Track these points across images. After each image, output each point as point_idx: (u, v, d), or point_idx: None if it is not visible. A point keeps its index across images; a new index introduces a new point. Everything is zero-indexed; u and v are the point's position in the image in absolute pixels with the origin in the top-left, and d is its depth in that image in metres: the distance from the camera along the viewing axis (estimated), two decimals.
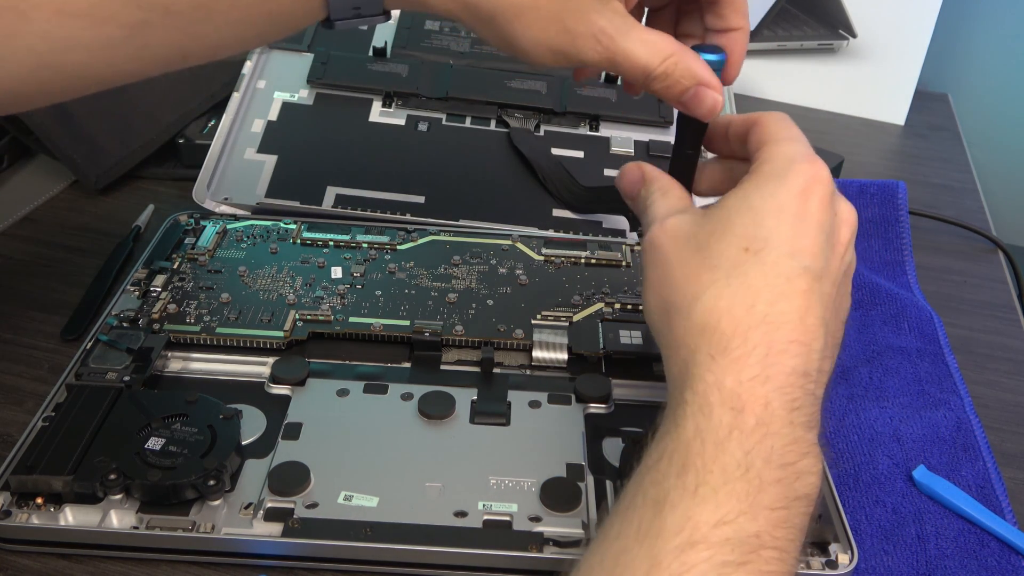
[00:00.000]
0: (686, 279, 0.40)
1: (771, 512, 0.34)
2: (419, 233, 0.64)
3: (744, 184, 0.41)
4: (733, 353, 0.37)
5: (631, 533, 0.34)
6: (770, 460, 0.35)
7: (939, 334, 0.62)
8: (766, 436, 0.35)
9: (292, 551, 0.43)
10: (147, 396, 0.49)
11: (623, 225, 0.68)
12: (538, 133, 0.74)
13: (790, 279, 0.38)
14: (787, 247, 0.39)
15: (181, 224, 0.64)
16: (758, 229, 0.39)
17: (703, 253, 0.40)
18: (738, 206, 0.40)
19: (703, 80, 0.43)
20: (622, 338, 0.56)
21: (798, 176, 0.40)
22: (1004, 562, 0.47)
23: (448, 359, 0.55)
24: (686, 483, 0.34)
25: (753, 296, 0.38)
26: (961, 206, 0.83)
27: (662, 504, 0.34)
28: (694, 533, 0.33)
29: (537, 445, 0.49)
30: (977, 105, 1.09)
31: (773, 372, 0.36)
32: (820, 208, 0.40)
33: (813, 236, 0.39)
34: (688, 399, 0.37)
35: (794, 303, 0.38)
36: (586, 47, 0.42)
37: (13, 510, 0.43)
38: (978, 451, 0.53)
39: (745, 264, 0.38)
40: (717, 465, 0.34)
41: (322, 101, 0.74)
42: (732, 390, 0.36)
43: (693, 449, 0.35)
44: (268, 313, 0.55)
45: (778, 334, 0.37)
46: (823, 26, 0.97)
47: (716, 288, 0.38)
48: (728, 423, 0.35)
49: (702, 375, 0.37)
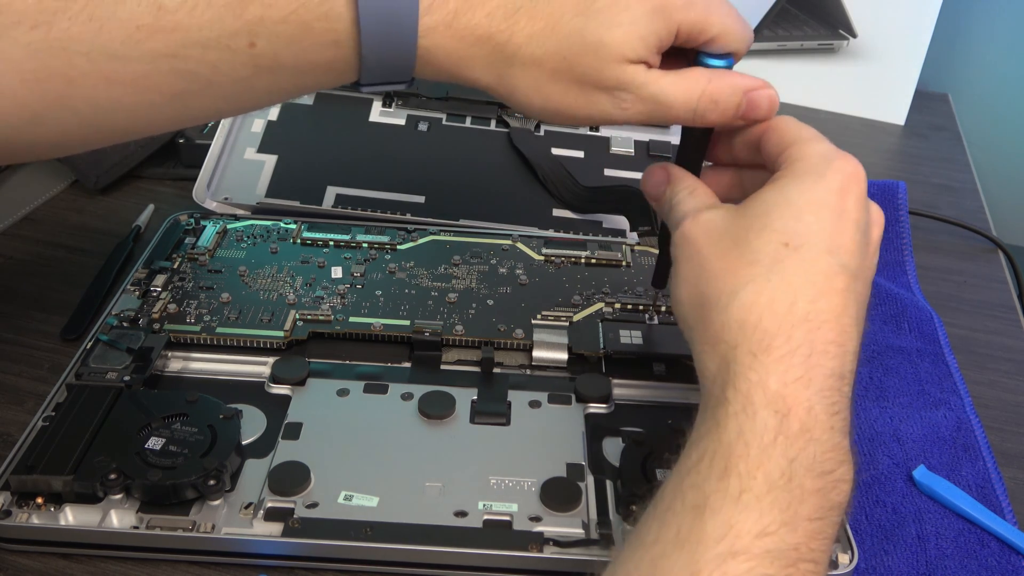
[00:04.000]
0: (724, 273, 0.39)
1: (809, 523, 0.33)
2: (419, 233, 0.64)
3: (780, 180, 0.40)
4: (776, 352, 0.36)
5: (670, 538, 0.33)
6: (811, 468, 0.34)
7: (939, 334, 0.62)
8: (809, 443, 0.34)
9: (292, 551, 0.43)
10: (147, 396, 0.49)
11: (623, 225, 0.68)
12: (538, 133, 0.74)
13: (829, 277, 0.37)
14: (826, 244, 0.38)
15: (181, 224, 0.64)
16: (798, 224, 0.38)
17: (741, 247, 0.39)
18: (776, 200, 0.39)
19: (748, 87, 0.42)
20: (622, 338, 0.56)
21: (837, 173, 0.39)
22: (1004, 562, 0.47)
23: (448, 359, 0.55)
24: (728, 488, 0.34)
25: (794, 293, 0.37)
26: (961, 206, 0.83)
27: (702, 509, 0.33)
28: (736, 543, 0.32)
29: (537, 445, 0.49)
30: (977, 105, 1.09)
31: (815, 374, 0.36)
32: (857, 206, 0.39)
33: (851, 234, 0.39)
34: (730, 397, 0.36)
35: (832, 302, 0.37)
36: (620, 105, 0.42)
37: (13, 510, 0.43)
38: (978, 451, 0.53)
39: (785, 260, 0.38)
40: (761, 472, 0.34)
41: (322, 101, 0.74)
42: (777, 392, 0.35)
43: (736, 452, 0.34)
44: (268, 313, 0.55)
45: (819, 334, 0.36)
46: (823, 26, 0.97)
47: (756, 284, 0.37)
48: (773, 427, 0.34)
49: (744, 373, 0.36)
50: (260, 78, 0.41)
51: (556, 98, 0.42)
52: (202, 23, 0.39)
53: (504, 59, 0.41)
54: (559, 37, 0.41)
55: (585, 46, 0.41)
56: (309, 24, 0.39)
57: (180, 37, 0.39)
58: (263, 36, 0.40)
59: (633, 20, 0.40)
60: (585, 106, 0.42)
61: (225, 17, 0.39)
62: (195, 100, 0.42)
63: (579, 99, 0.42)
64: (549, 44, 0.41)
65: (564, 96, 0.42)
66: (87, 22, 0.38)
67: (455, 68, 0.42)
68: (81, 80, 0.40)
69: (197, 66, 0.40)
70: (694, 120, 0.42)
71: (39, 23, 0.38)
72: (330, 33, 0.40)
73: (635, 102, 0.42)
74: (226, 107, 0.44)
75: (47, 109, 0.41)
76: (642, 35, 0.40)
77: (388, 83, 0.43)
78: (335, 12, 0.39)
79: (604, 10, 0.40)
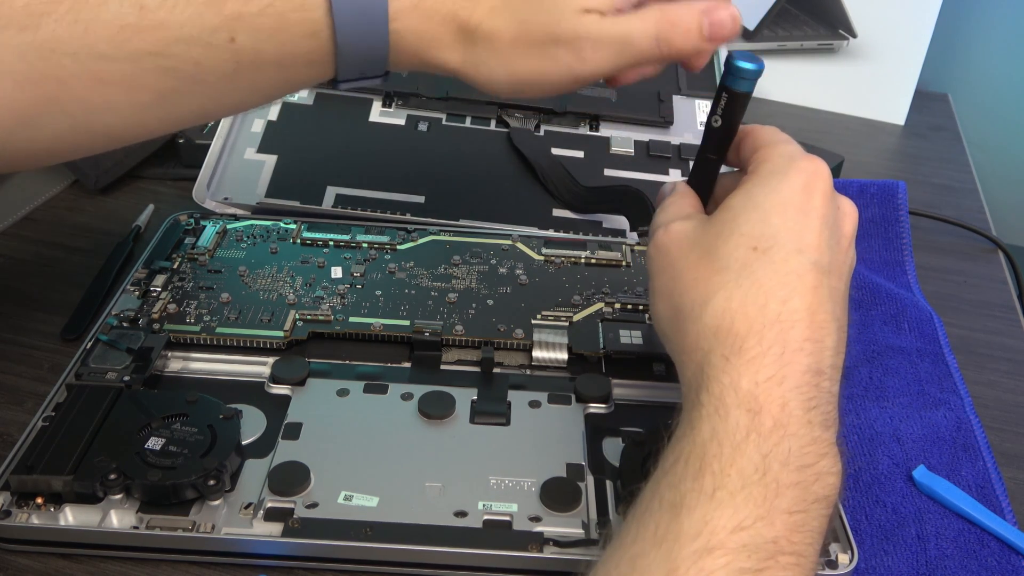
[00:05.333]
0: (695, 283, 0.40)
1: (788, 516, 0.34)
2: (419, 233, 0.64)
3: (745, 184, 0.41)
4: (748, 353, 0.37)
5: (648, 537, 0.34)
6: (788, 463, 0.35)
7: (939, 334, 0.62)
8: (784, 438, 0.35)
9: (292, 551, 0.43)
10: (147, 396, 0.49)
11: (623, 225, 0.68)
12: (538, 133, 0.74)
13: (800, 275, 0.38)
14: (794, 243, 0.39)
15: (181, 224, 0.64)
16: (765, 227, 0.39)
17: (711, 256, 0.40)
18: (743, 204, 0.40)
19: (704, 8, 0.43)
20: (622, 338, 0.56)
21: (800, 172, 0.40)
22: (1004, 562, 0.47)
23: (448, 359, 0.55)
24: (703, 486, 0.34)
25: (765, 295, 0.38)
26: (961, 206, 0.83)
27: (679, 508, 0.34)
28: (711, 538, 0.33)
29: (537, 445, 0.49)
30: (977, 105, 1.09)
31: (789, 372, 0.36)
32: (823, 203, 0.40)
33: (818, 230, 0.39)
34: (704, 401, 0.36)
35: (805, 300, 0.38)
36: (580, 55, 0.42)
37: (13, 510, 0.43)
38: (978, 451, 0.53)
39: (754, 263, 0.38)
40: (734, 468, 0.34)
41: (322, 101, 0.74)
42: (749, 391, 0.36)
43: (710, 452, 0.35)
44: (268, 313, 0.55)
45: (792, 332, 0.37)
46: (823, 26, 0.97)
47: (727, 290, 0.38)
48: (745, 425, 0.35)
49: (717, 376, 0.37)
50: (243, 74, 0.42)
51: (519, 66, 0.43)
52: (183, 20, 0.40)
53: (467, 36, 0.43)
54: (516, 4, 0.42)
55: (540, 4, 0.42)
56: (285, 15, 0.41)
57: (163, 35, 0.40)
58: (242, 31, 0.41)
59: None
60: (548, 68, 0.43)
61: (205, 13, 0.40)
62: (182, 99, 0.43)
63: (541, 62, 0.43)
64: (507, 12, 0.42)
65: (526, 62, 0.43)
66: (72, 24, 0.40)
67: (425, 51, 0.43)
68: (71, 81, 0.41)
69: (182, 63, 0.41)
70: (659, 49, 0.43)
71: (26, 26, 0.39)
72: (306, 24, 0.41)
73: (595, 49, 0.42)
74: (213, 107, 0.45)
75: (40, 112, 0.42)
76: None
77: (364, 77, 0.44)
78: (310, 3, 0.41)
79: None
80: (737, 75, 0.43)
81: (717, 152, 0.46)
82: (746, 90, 0.43)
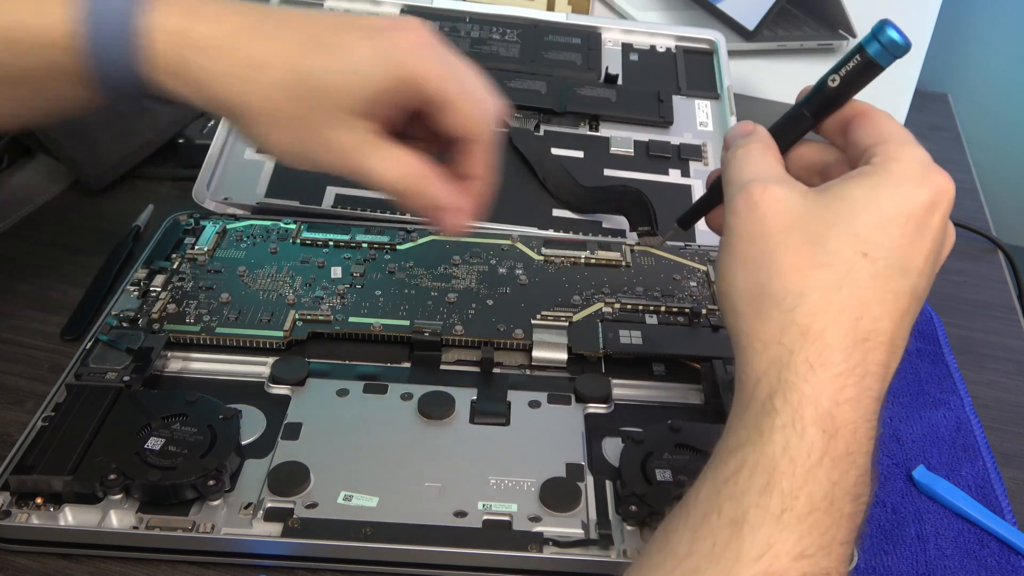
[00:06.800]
0: (792, 270, 0.36)
1: (841, 548, 0.33)
2: (419, 233, 0.64)
3: (871, 178, 0.37)
4: (834, 368, 0.34)
5: (704, 551, 0.32)
6: (848, 492, 0.33)
7: (939, 334, 0.62)
8: (851, 467, 0.34)
9: (292, 551, 0.43)
10: (147, 396, 0.49)
11: (623, 225, 0.68)
12: (538, 133, 0.74)
13: (896, 296, 0.36)
14: (902, 262, 0.36)
15: (181, 224, 0.64)
16: (882, 236, 0.36)
17: (816, 245, 0.36)
18: (865, 202, 0.37)
19: (443, 205, 0.44)
20: (622, 338, 0.56)
21: (931, 188, 0.37)
22: (1004, 562, 0.47)
23: (448, 359, 0.55)
24: (769, 505, 0.32)
25: (861, 308, 0.35)
26: (961, 206, 0.83)
27: (740, 524, 0.32)
28: (774, 563, 0.32)
29: (537, 445, 0.49)
30: (977, 105, 1.09)
31: (864, 397, 0.34)
32: (939, 225, 0.37)
33: (926, 254, 0.37)
34: (779, 407, 0.34)
35: (893, 323, 0.36)
36: (330, 160, 0.43)
37: (13, 510, 0.43)
38: (978, 451, 0.53)
39: (860, 271, 0.36)
40: (804, 492, 0.33)
41: None
42: (828, 411, 0.34)
43: (780, 468, 0.33)
44: (268, 313, 0.55)
45: (873, 355, 0.35)
46: (823, 26, 0.97)
47: (826, 291, 0.35)
48: (820, 447, 0.33)
49: (798, 384, 0.34)
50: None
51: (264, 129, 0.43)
52: None
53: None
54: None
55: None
56: (24, 22, 0.40)
57: None
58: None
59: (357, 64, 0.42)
60: (298, 145, 0.43)
61: None
62: None
63: (289, 137, 0.43)
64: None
65: (273, 130, 0.43)
66: None
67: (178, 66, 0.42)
68: None
69: None
70: (396, 198, 0.44)
71: None
72: (45, 31, 0.40)
73: (350, 158, 0.43)
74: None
75: None
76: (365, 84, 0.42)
77: (126, 106, 0.43)
78: (47, 10, 0.40)
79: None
80: (884, 44, 0.39)
81: (816, 115, 0.42)
82: (883, 63, 0.40)
